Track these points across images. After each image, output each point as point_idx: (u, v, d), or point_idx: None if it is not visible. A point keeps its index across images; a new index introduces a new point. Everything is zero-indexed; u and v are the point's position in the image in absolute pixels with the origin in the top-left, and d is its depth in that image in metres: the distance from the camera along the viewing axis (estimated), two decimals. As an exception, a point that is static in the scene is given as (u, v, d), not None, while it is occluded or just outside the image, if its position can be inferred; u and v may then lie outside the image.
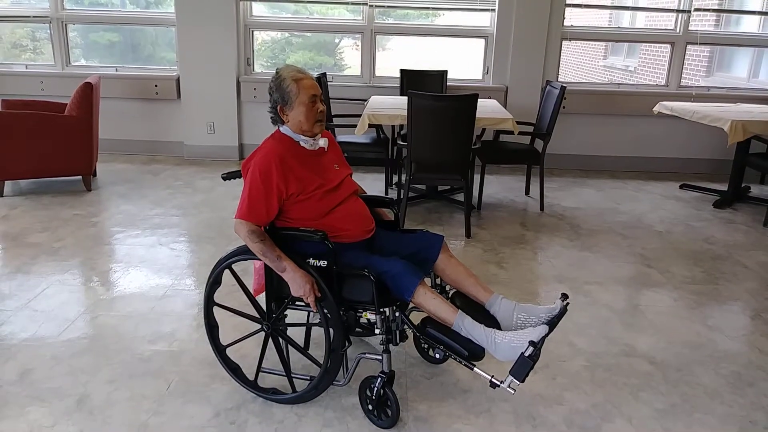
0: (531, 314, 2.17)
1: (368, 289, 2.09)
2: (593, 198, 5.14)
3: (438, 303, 2.12)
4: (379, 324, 2.14)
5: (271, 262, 2.12)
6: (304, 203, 2.20)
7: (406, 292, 2.10)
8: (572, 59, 10.82)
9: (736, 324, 3.13)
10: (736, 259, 3.90)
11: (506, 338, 2.02)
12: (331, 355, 2.15)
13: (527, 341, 1.97)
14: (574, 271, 3.64)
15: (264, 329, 2.30)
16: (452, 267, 2.34)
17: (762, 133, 4.67)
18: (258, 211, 2.16)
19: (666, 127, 5.87)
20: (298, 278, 2.08)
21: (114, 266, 3.51)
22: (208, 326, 2.36)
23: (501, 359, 2.03)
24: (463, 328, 2.08)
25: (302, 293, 2.08)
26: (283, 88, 2.21)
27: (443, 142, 3.98)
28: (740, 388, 2.53)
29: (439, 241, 2.36)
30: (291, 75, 2.21)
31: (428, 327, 2.13)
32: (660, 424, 2.29)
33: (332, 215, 2.24)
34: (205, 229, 4.12)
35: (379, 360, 2.19)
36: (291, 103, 2.21)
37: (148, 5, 6.20)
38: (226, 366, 2.39)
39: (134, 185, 5.04)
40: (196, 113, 5.82)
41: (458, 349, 2.07)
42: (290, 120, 2.24)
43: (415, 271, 2.14)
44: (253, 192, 2.15)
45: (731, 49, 7.20)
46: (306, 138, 2.26)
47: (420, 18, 6.10)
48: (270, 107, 2.29)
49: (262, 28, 6.04)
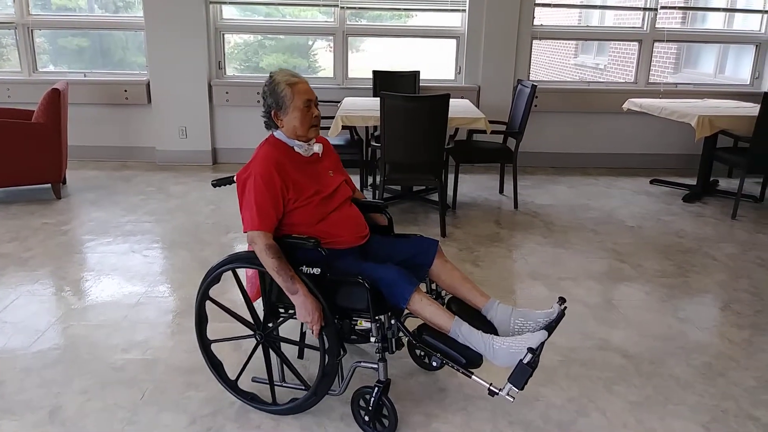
0: (528, 319, 2.15)
1: (363, 296, 2.06)
2: (566, 195, 5.20)
3: (434, 310, 2.08)
4: (375, 332, 2.10)
5: (283, 282, 2.04)
6: (300, 210, 2.17)
7: (401, 299, 2.07)
8: (543, 58, 10.95)
9: (707, 315, 3.20)
10: (705, 252, 3.98)
11: (505, 344, 1.99)
12: (326, 364, 2.11)
13: (526, 347, 1.95)
14: (548, 267, 3.68)
15: (257, 339, 2.25)
16: (447, 272, 2.32)
17: (729, 127, 4.77)
18: (269, 217, 2.11)
19: (635, 124, 5.96)
20: (308, 304, 2.03)
21: (85, 275, 3.45)
22: (198, 318, 2.29)
23: (500, 365, 2.00)
24: (460, 334, 2.05)
25: (308, 320, 2.03)
26: (277, 93, 2.17)
27: (417, 142, 3.99)
28: (711, 378, 2.59)
29: (434, 245, 2.33)
30: (285, 79, 2.17)
31: (424, 334, 2.09)
32: (634, 416, 2.32)
33: (326, 221, 2.21)
34: (179, 235, 4.07)
35: (374, 368, 2.14)
36: (285, 107, 2.17)
37: (117, 9, 6.12)
38: (209, 361, 2.34)
39: (105, 192, 4.97)
40: (167, 118, 5.76)
41: (456, 357, 2.03)
42: (285, 125, 2.21)
43: (410, 278, 2.11)
44: (260, 199, 2.10)
45: (698, 46, 7.35)
46: (300, 143, 2.23)
47: (393, 19, 6.12)
48: (263, 112, 2.24)
49: (233, 31, 6.00)
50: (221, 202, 4.80)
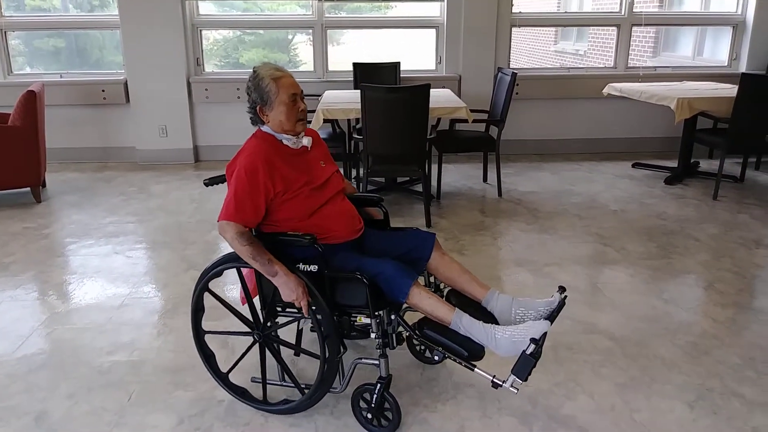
0: (529, 308, 2.14)
1: (361, 292, 2.04)
2: (549, 181, 5.22)
3: (434, 302, 2.07)
4: (375, 328, 2.08)
5: (261, 266, 2.02)
6: (290, 202, 2.13)
7: (400, 293, 2.05)
8: (524, 46, 10.96)
9: (690, 296, 3.23)
10: (688, 233, 4.02)
11: (507, 333, 1.98)
12: (326, 362, 2.08)
13: (528, 337, 1.94)
14: (533, 253, 3.70)
15: (255, 338, 2.21)
16: (446, 265, 2.30)
17: (708, 109, 4.81)
18: (245, 210, 2.06)
19: (616, 108, 5.99)
20: (290, 282, 2.00)
21: (68, 278, 3.41)
22: (195, 308, 2.25)
23: (502, 355, 1.99)
24: (461, 326, 2.03)
25: (293, 298, 2.01)
26: (261, 88, 2.13)
27: (399, 133, 3.98)
28: (696, 357, 2.61)
29: (431, 239, 2.31)
30: (269, 74, 2.13)
31: (425, 328, 2.07)
32: (621, 397, 2.34)
33: (319, 215, 2.18)
34: (162, 235, 4.04)
35: (375, 365, 2.13)
36: (271, 102, 2.13)
37: (93, 8, 6.03)
38: (202, 352, 2.30)
39: (86, 194, 4.91)
40: (146, 117, 5.70)
41: (457, 350, 2.02)
42: (271, 120, 2.16)
43: (408, 272, 2.09)
44: (239, 191, 2.06)
45: (676, 29, 7.40)
46: (289, 137, 2.19)
47: (372, 11, 6.09)
48: (249, 108, 2.20)
49: (210, 27, 5.94)
50: (204, 200, 4.76)
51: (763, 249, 3.77)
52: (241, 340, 2.30)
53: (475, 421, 2.21)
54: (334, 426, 2.19)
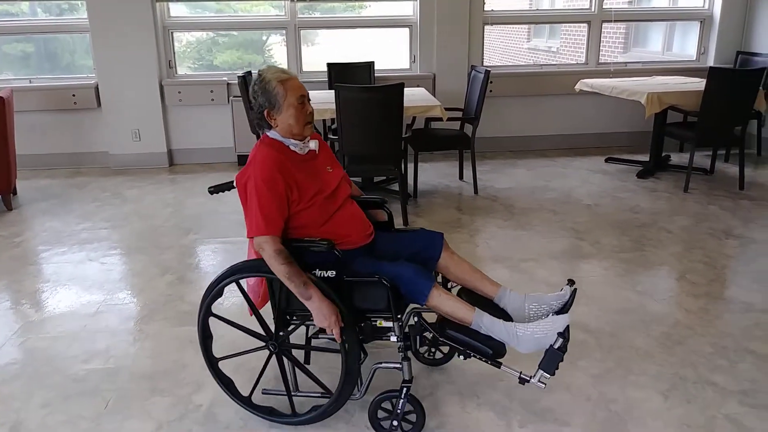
0: (542, 303, 2.16)
1: (381, 296, 2.02)
2: (524, 178, 5.27)
3: (454, 303, 2.07)
4: (398, 331, 2.07)
5: (295, 288, 1.96)
6: (305, 212, 2.10)
7: (420, 295, 2.04)
8: (497, 43, 11.03)
9: (663, 287, 3.29)
10: (660, 226, 4.09)
11: (528, 330, 2.00)
12: (348, 366, 2.05)
13: (552, 332, 1.96)
14: (509, 250, 3.73)
15: (270, 349, 2.15)
16: (456, 263, 2.30)
17: (677, 103, 4.90)
18: (275, 221, 2.02)
19: (588, 104, 6.06)
20: (324, 309, 1.95)
21: (41, 286, 3.36)
22: (202, 336, 2.18)
23: (524, 352, 2.01)
24: (482, 325, 2.03)
25: (326, 325, 1.97)
26: (269, 91, 2.08)
27: (374, 133, 3.99)
28: (670, 348, 2.66)
29: (439, 238, 2.31)
30: (276, 76, 2.09)
31: (448, 329, 2.06)
32: (596, 389, 2.38)
33: (332, 221, 2.15)
34: (137, 240, 3.99)
35: (397, 368, 2.12)
36: (279, 106, 2.08)
37: (62, 12, 5.93)
38: (219, 380, 2.23)
39: (59, 200, 4.84)
40: (119, 121, 5.62)
41: (482, 349, 2.02)
42: (279, 124, 2.12)
43: (427, 274, 2.09)
44: (264, 203, 2.01)
45: (645, 25, 7.52)
46: (296, 141, 2.14)
47: (346, 11, 6.08)
48: (255, 113, 2.15)
49: (182, 29, 5.88)
50: (179, 204, 4.72)
51: (733, 239, 3.86)
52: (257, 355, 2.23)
53: (455, 417, 2.23)
54: (314, 426, 2.18)
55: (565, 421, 2.21)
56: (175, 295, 3.21)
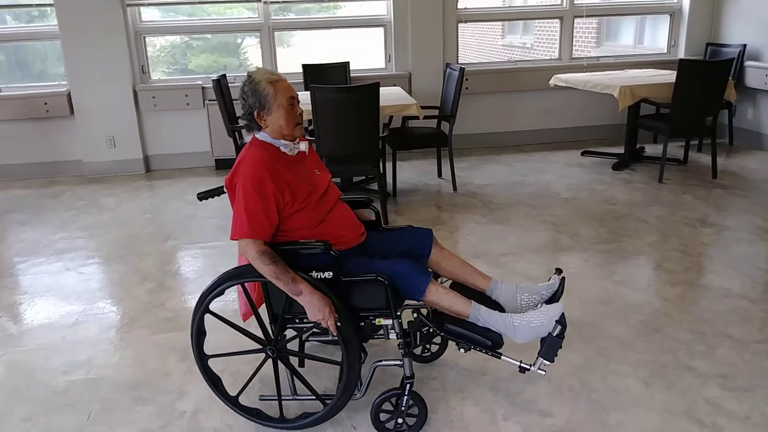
0: (533, 293, 2.20)
1: (379, 294, 2.03)
2: (502, 173, 5.31)
3: (451, 297, 2.09)
4: (397, 329, 2.08)
5: (284, 286, 1.96)
6: (298, 213, 2.09)
7: (417, 291, 2.06)
8: (472, 41, 11.10)
9: (641, 276, 3.34)
10: (636, 216, 4.15)
11: (525, 320, 2.04)
12: (348, 371, 2.05)
13: (547, 321, 2.00)
14: (489, 245, 3.76)
15: (269, 354, 2.14)
16: (446, 259, 2.33)
17: (649, 95, 4.97)
18: (260, 225, 2.00)
19: (563, 99, 6.13)
20: (316, 301, 1.95)
21: (18, 298, 3.31)
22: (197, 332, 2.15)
23: (520, 342, 2.04)
24: (479, 318, 2.07)
25: (320, 317, 1.96)
26: (259, 92, 2.07)
27: (350, 133, 3.99)
28: (648, 335, 2.71)
29: (429, 235, 2.33)
30: (266, 77, 2.09)
31: (446, 323, 2.08)
32: (578, 378, 2.41)
33: (326, 223, 2.15)
34: (115, 248, 3.95)
35: (398, 365, 2.13)
36: (269, 107, 2.08)
37: (32, 19, 5.83)
38: (207, 377, 2.20)
39: (34, 211, 4.76)
40: (92, 128, 5.55)
41: (482, 341, 2.05)
42: (269, 125, 2.11)
43: (423, 270, 2.11)
44: (250, 205, 1.99)
45: (617, 19, 7.62)
46: (286, 142, 2.13)
47: (321, 11, 6.07)
48: (245, 113, 2.13)
49: (154, 34, 5.82)
50: (157, 210, 4.68)
51: (708, 227, 3.93)
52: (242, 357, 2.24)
53: (440, 413, 2.25)
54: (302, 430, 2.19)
55: (548, 412, 2.24)
56: (156, 303, 3.18)
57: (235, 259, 2.30)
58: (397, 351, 2.55)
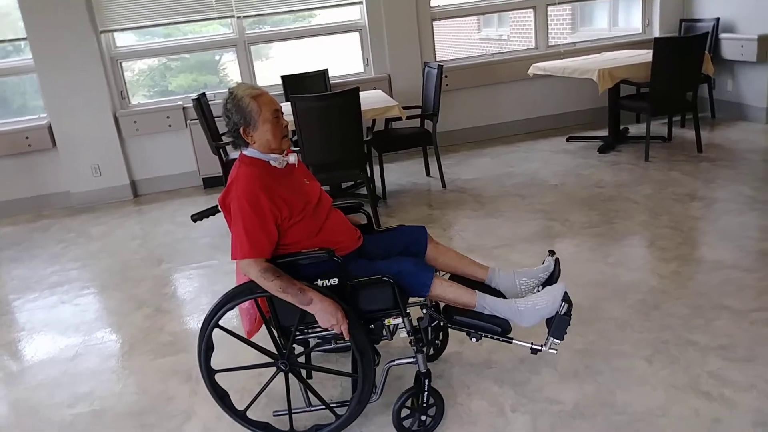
0: (531, 277, 2.25)
1: (386, 294, 2.06)
2: (489, 166, 5.32)
3: (456, 289, 2.13)
4: (408, 326, 2.10)
5: (293, 298, 1.96)
6: (296, 226, 2.09)
7: (423, 287, 2.09)
8: (448, 38, 11.11)
9: (635, 256, 3.35)
10: (625, 197, 4.17)
11: (529, 303, 2.08)
12: (363, 383, 2.06)
13: (551, 302, 2.04)
14: (482, 238, 3.77)
15: (282, 368, 2.12)
16: (442, 253, 2.36)
17: (628, 76, 4.99)
18: (260, 243, 1.99)
19: (544, 87, 6.15)
20: (327, 307, 1.96)
21: (16, 336, 3.29)
22: (205, 347, 2.12)
23: (526, 326, 2.09)
24: (486, 306, 2.11)
25: (333, 323, 1.97)
26: (243, 108, 2.05)
27: (335, 140, 3.99)
28: (647, 313, 2.72)
29: (423, 232, 2.37)
30: (248, 93, 2.07)
31: (455, 315, 2.12)
32: (582, 363, 2.42)
33: (324, 230, 2.16)
34: (109, 277, 3.93)
35: (411, 362, 2.15)
36: (255, 122, 2.06)
37: (8, 54, 5.79)
38: (214, 392, 2.17)
39: (23, 247, 4.73)
40: (77, 158, 5.53)
41: (492, 329, 2.10)
42: (257, 140, 2.08)
43: (426, 266, 2.16)
44: (248, 224, 1.98)
45: (591, 4, 7.64)
46: (275, 156, 2.11)
47: (296, 21, 6.07)
48: (230, 131, 2.11)
49: (130, 58, 5.80)
50: (148, 235, 4.66)
51: (697, 201, 3.95)
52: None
53: (448, 409, 2.24)
54: (309, 439, 2.18)
55: (556, 399, 2.24)
56: (154, 327, 3.16)
57: (231, 276, 2.30)
58: (402, 350, 2.58)
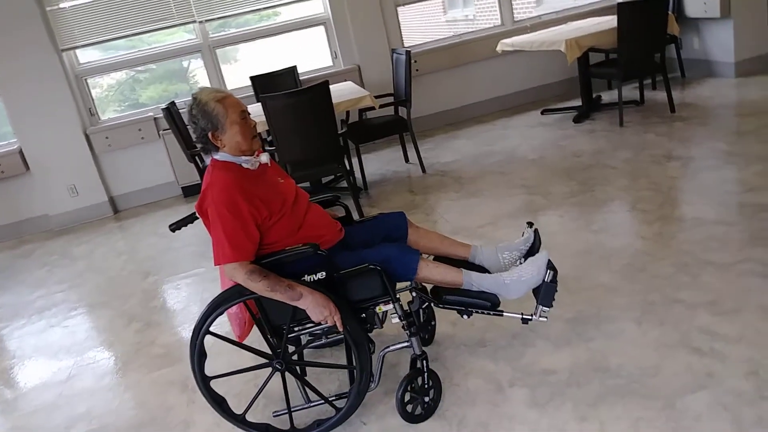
0: (513, 250, 2.29)
1: (375, 282, 2.07)
2: (467, 147, 5.32)
3: (442, 270, 2.16)
4: (399, 311, 2.11)
5: (282, 295, 1.96)
6: (277, 224, 2.08)
7: (410, 270, 2.11)
8: (415, 23, 11.08)
9: (617, 221, 3.38)
10: (604, 164, 4.19)
11: (513, 276, 2.11)
12: (361, 375, 2.07)
13: (536, 272, 2.07)
14: (466, 219, 3.78)
15: (277, 367, 2.12)
16: (423, 236, 2.38)
17: (595, 44, 5.00)
18: (242, 245, 1.99)
19: (513, 63, 6.15)
20: (318, 299, 1.97)
21: (7, 364, 3.25)
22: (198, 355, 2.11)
23: (514, 297, 2.12)
24: (473, 283, 2.14)
25: (325, 315, 1.98)
26: (208, 113, 2.03)
27: (309, 136, 3.97)
28: (633, 276, 2.74)
29: (402, 217, 2.38)
30: (212, 97, 2.05)
31: (444, 295, 2.15)
32: (574, 332, 2.44)
33: (305, 226, 2.15)
34: (96, 295, 3.89)
35: (406, 346, 2.16)
36: (222, 126, 2.04)
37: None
38: (211, 399, 2.16)
39: (7, 274, 4.67)
40: (51, 180, 5.45)
41: (482, 304, 2.13)
42: (227, 143, 2.06)
43: (410, 249, 2.17)
44: (229, 228, 1.97)
45: (550, -25, 7.65)
46: (247, 158, 2.10)
47: (261, 21, 6.01)
48: (198, 137, 2.09)
49: (95, 74, 5.71)
50: (132, 250, 4.62)
51: (674, 161, 3.98)
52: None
53: (445, 392, 2.25)
54: (311, 436, 2.18)
55: (551, 370, 2.26)
56: (146, 341, 3.14)
57: (218, 282, 2.29)
58: (394, 337, 2.58)
